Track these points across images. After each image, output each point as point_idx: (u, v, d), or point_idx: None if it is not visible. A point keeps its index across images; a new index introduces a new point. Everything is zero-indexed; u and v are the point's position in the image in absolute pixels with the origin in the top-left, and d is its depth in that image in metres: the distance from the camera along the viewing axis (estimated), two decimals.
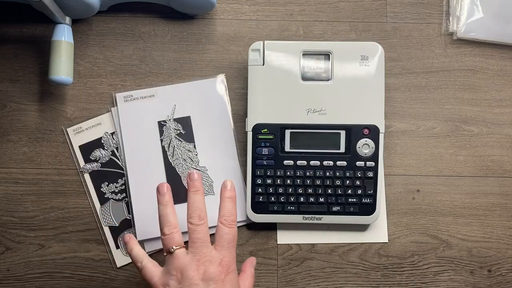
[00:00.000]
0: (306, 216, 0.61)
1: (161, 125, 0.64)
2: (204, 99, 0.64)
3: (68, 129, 0.64)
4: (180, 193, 0.62)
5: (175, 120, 0.64)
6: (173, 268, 0.51)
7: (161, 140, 0.63)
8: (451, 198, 0.64)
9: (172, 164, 0.63)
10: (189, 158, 0.63)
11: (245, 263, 0.58)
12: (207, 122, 0.64)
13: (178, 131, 0.63)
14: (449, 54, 0.66)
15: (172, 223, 0.53)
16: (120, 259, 0.62)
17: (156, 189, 0.54)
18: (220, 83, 0.64)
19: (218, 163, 0.63)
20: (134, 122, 0.63)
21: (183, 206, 0.61)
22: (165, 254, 0.52)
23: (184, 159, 0.63)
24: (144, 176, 0.62)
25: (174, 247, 0.51)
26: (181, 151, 0.63)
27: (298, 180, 0.60)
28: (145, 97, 0.64)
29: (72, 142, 0.64)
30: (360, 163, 0.60)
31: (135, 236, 0.62)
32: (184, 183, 0.63)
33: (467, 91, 0.65)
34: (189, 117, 0.64)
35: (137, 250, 0.54)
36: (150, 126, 0.63)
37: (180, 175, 0.63)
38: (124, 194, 0.63)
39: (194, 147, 0.63)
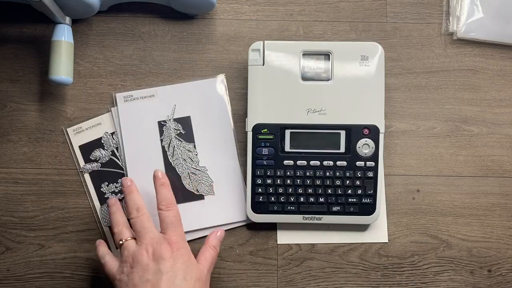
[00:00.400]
0: (306, 216, 0.61)
1: (161, 125, 0.64)
2: (204, 99, 0.64)
3: (68, 129, 0.64)
4: (180, 193, 0.62)
5: (175, 120, 0.64)
6: (126, 257, 0.54)
7: (161, 140, 0.63)
8: (451, 198, 0.64)
9: (172, 164, 0.63)
10: (189, 158, 0.63)
11: (208, 235, 0.59)
12: (207, 122, 0.64)
13: (178, 131, 0.63)
14: (449, 54, 0.66)
15: (120, 222, 0.57)
16: None
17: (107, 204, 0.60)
18: (220, 83, 0.64)
19: (218, 163, 0.63)
20: (134, 122, 0.63)
21: (182, 206, 0.62)
22: (118, 249, 0.56)
23: (184, 159, 0.63)
24: (144, 176, 0.62)
25: (123, 239, 0.55)
26: (181, 151, 0.63)
27: (298, 180, 0.60)
28: (145, 97, 0.64)
29: (72, 142, 0.64)
30: (360, 163, 0.60)
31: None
32: (184, 183, 0.63)
33: (467, 91, 0.65)
34: (189, 117, 0.64)
35: (102, 250, 0.58)
36: (150, 126, 0.63)
37: (180, 175, 0.63)
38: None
39: (194, 147, 0.63)
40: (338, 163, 0.60)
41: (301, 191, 0.60)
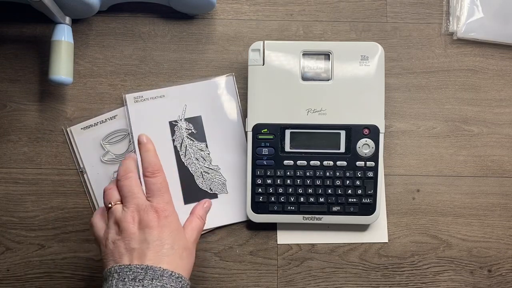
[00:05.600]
0: (306, 216, 0.61)
1: (173, 125, 0.63)
2: (214, 98, 0.64)
3: (71, 128, 0.64)
4: (193, 193, 0.62)
5: (186, 120, 0.64)
6: (112, 222, 0.53)
7: (173, 140, 0.63)
8: (451, 198, 0.64)
9: (185, 164, 0.63)
10: (202, 157, 0.63)
11: (195, 206, 0.58)
12: (217, 121, 0.64)
13: (190, 131, 0.63)
14: (449, 54, 0.66)
15: (110, 186, 0.55)
16: None
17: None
18: (229, 82, 0.64)
19: (230, 161, 0.63)
20: (145, 123, 0.63)
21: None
22: (107, 211, 0.54)
23: (196, 159, 0.63)
24: None
25: (112, 203, 0.53)
26: (193, 150, 0.63)
27: (298, 180, 0.60)
28: (155, 97, 0.64)
29: (77, 141, 0.64)
30: (360, 163, 0.60)
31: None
32: (197, 182, 0.63)
33: (467, 91, 0.65)
34: (200, 116, 0.64)
35: (95, 213, 0.56)
36: (161, 126, 0.63)
37: (193, 174, 0.63)
38: None
39: (206, 146, 0.63)
40: (338, 163, 0.60)
41: (301, 191, 0.60)
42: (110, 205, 0.53)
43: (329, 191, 0.60)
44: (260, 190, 0.60)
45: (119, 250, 0.50)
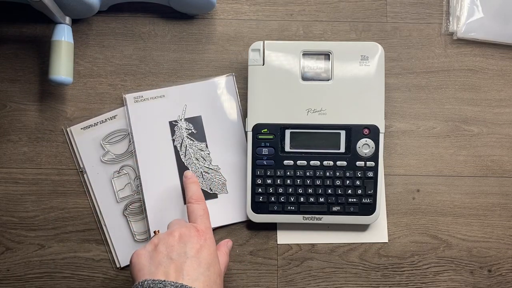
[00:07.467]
0: (306, 216, 0.61)
1: (173, 125, 0.63)
2: (214, 98, 0.64)
3: (71, 128, 0.64)
4: None
5: (186, 120, 0.64)
6: (152, 240, 0.52)
7: (173, 140, 0.63)
8: (451, 198, 0.64)
9: (185, 164, 0.63)
10: (202, 157, 0.63)
11: (220, 243, 0.57)
12: (217, 121, 0.64)
13: (190, 131, 0.63)
14: (449, 54, 0.66)
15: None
16: (122, 259, 0.62)
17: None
18: (229, 82, 0.64)
19: (230, 161, 0.63)
20: (145, 123, 0.63)
21: None
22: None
23: (196, 159, 0.63)
24: (157, 175, 0.62)
25: (157, 231, 0.57)
26: (193, 150, 0.63)
27: (298, 180, 0.60)
28: (155, 97, 0.64)
29: (77, 141, 0.64)
30: (360, 163, 0.60)
31: (149, 236, 0.62)
32: (200, 181, 0.63)
33: (467, 91, 0.65)
34: (200, 116, 0.64)
35: None
36: (161, 126, 0.63)
37: None
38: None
39: (206, 146, 0.63)
40: (338, 163, 0.60)
41: (301, 191, 0.60)
42: (156, 232, 0.56)
43: (329, 191, 0.60)
44: (260, 190, 0.60)
45: (156, 259, 0.49)
